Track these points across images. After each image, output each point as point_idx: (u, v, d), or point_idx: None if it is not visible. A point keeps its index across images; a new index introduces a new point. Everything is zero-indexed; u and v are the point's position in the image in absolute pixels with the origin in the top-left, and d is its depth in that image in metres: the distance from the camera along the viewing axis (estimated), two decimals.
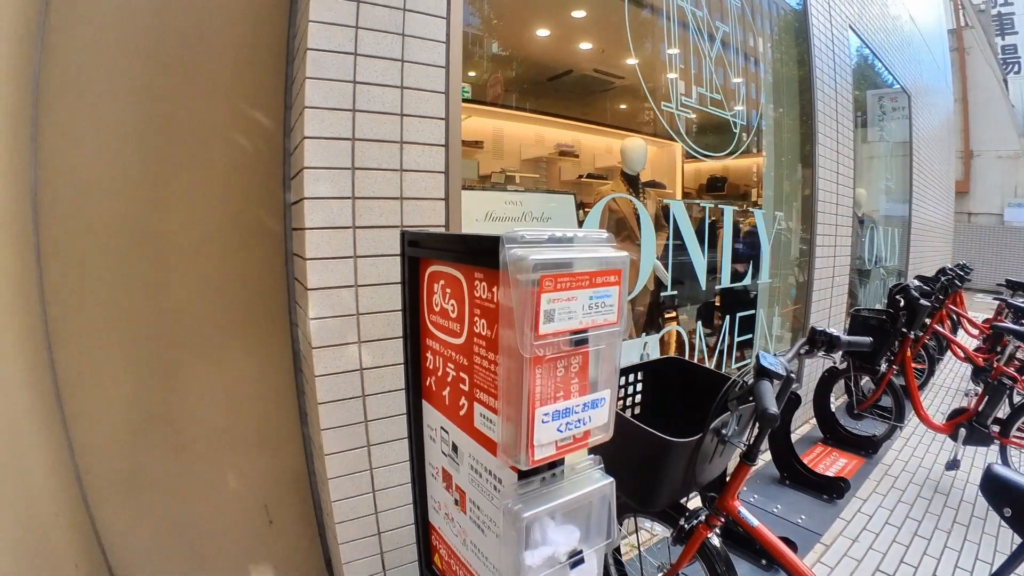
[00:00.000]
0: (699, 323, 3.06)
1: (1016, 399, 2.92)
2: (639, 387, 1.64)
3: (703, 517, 1.47)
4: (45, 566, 1.43)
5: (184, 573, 1.66)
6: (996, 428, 2.71)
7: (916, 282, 3.34)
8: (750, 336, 3.48)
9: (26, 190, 1.40)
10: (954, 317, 4.74)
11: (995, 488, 1.14)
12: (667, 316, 2.98)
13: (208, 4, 1.60)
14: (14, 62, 1.37)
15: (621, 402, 1.58)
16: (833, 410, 3.52)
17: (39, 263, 1.44)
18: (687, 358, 2.41)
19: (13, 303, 1.39)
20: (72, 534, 1.49)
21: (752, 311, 3.48)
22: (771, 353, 1.24)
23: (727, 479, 1.45)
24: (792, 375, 1.23)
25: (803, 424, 3.78)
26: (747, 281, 3.31)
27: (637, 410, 1.65)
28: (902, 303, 3.05)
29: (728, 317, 3.21)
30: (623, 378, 1.58)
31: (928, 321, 3.69)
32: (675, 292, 2.83)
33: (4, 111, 1.35)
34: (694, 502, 1.62)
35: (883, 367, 3.19)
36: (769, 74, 3.59)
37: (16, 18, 1.37)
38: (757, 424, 1.29)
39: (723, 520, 1.45)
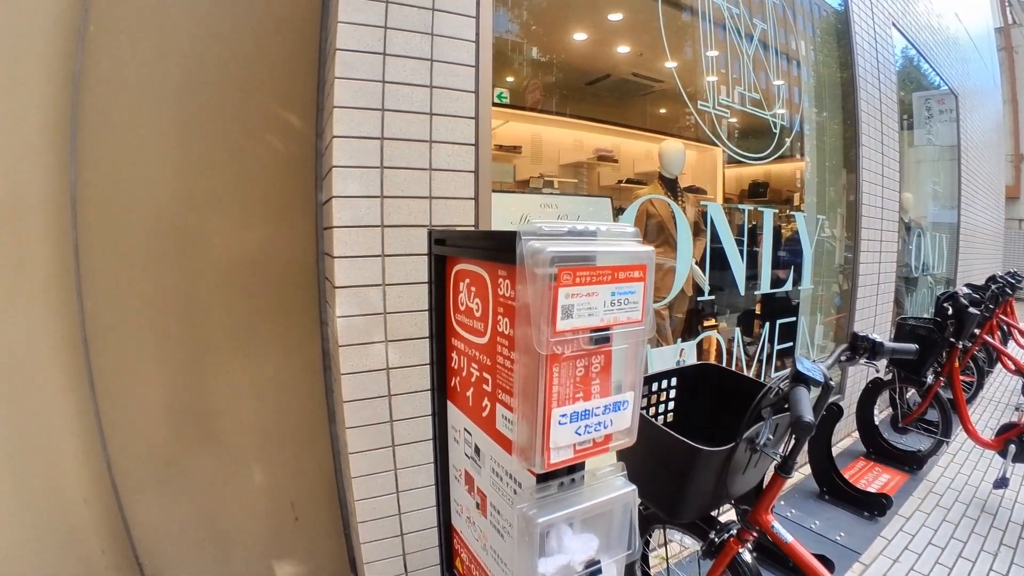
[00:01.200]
0: (738, 330, 2.97)
1: None
2: (672, 394, 1.59)
3: (735, 531, 1.41)
4: (72, 549, 1.48)
5: (208, 565, 1.69)
6: None
7: (965, 290, 3.16)
8: (791, 344, 3.36)
9: (66, 186, 1.45)
10: (1004, 327, 4.48)
11: None
12: (705, 323, 2.90)
13: (245, 9, 1.65)
14: (56, 60, 1.43)
15: (653, 409, 1.53)
16: (877, 423, 3.38)
17: (77, 258, 1.49)
18: (725, 366, 2.35)
19: (51, 297, 1.45)
20: (101, 521, 1.54)
21: (793, 318, 3.37)
22: (810, 359, 1.18)
23: (762, 491, 1.39)
24: (832, 383, 1.17)
25: (845, 437, 3.63)
26: (788, 287, 3.21)
27: (670, 417, 1.60)
28: (950, 311, 2.91)
29: (768, 324, 3.11)
30: (655, 384, 1.53)
31: (977, 331, 3.49)
32: (713, 297, 2.76)
33: (45, 108, 1.41)
34: (727, 515, 1.56)
35: (929, 379, 3.04)
36: (810, 75, 3.48)
37: (58, 16, 1.42)
38: (793, 434, 1.23)
39: (755, 534, 1.39)
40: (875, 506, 2.59)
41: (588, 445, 0.71)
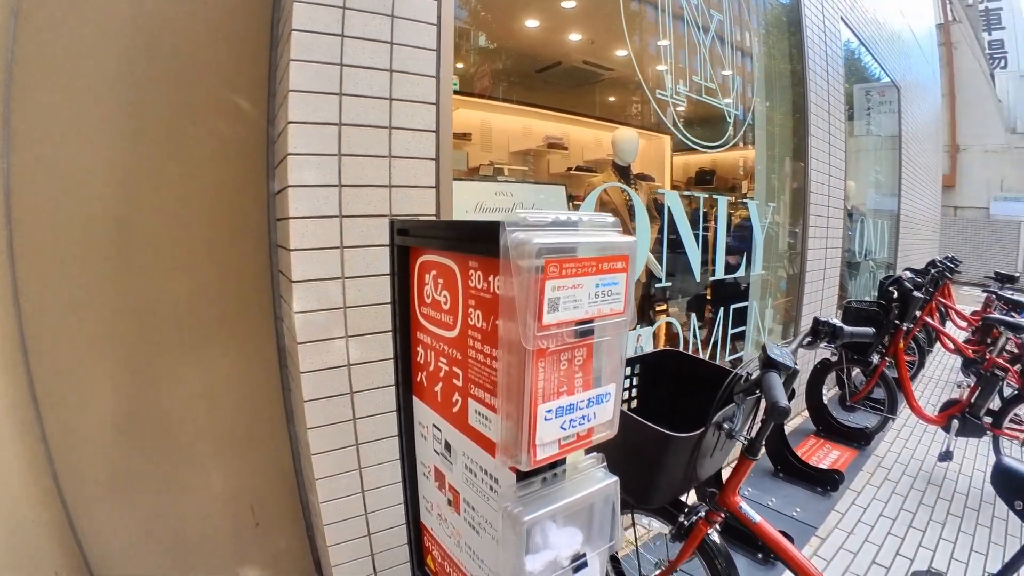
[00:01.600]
0: (692, 315, 3.03)
1: (1006, 391, 2.92)
2: (635, 381, 1.61)
3: (702, 513, 1.43)
4: (25, 571, 1.37)
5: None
6: (988, 419, 2.72)
7: (909, 274, 3.33)
8: (743, 328, 3.46)
9: None
10: (943, 309, 4.76)
11: (1006, 482, 1.14)
12: (659, 309, 2.95)
13: None
14: None
15: None
16: (825, 402, 3.52)
17: (11, 257, 1.37)
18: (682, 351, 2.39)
19: None
20: (52, 539, 1.43)
21: (745, 303, 3.46)
22: (776, 344, 1.20)
23: (729, 474, 1.42)
24: (798, 368, 1.20)
25: (795, 416, 3.78)
26: (741, 273, 3.29)
27: (633, 404, 1.62)
28: (895, 295, 3.05)
29: (721, 309, 3.19)
30: None
31: (918, 313, 3.69)
32: (668, 284, 2.80)
33: None
34: (691, 497, 1.58)
35: (875, 359, 3.19)
36: (763, 66, 3.56)
37: None
38: (761, 417, 1.25)
39: (723, 516, 1.42)
40: (828, 482, 2.71)
41: (572, 439, 0.69)
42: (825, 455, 3.16)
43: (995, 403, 2.80)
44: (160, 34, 1.50)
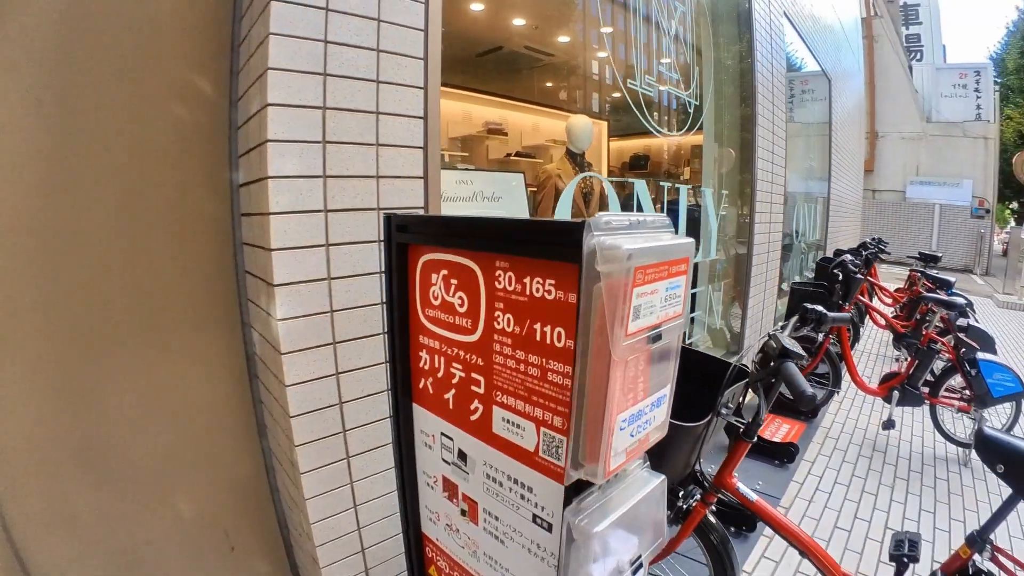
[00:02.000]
0: None
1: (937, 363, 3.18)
2: None
3: (698, 495, 1.46)
4: None
5: None
6: (926, 389, 2.95)
7: (850, 257, 3.54)
8: (696, 313, 3.58)
9: None
10: (870, 287, 5.12)
11: (988, 448, 1.23)
12: None
13: None
14: None
15: None
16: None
17: None
18: None
19: None
20: None
21: (696, 289, 3.58)
22: (780, 333, 1.23)
23: (724, 457, 1.45)
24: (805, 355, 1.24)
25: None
26: (699, 257, 3.39)
27: None
28: (840, 276, 3.23)
29: None
30: None
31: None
32: None
33: None
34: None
35: (820, 337, 3.38)
36: (718, 58, 3.64)
37: None
38: (799, 407, 1.28)
39: (720, 496, 1.46)
40: (784, 454, 2.86)
41: (635, 446, 0.67)
42: (777, 429, 3.33)
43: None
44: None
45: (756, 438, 1.34)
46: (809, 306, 1.41)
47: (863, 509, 2.39)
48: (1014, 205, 19.53)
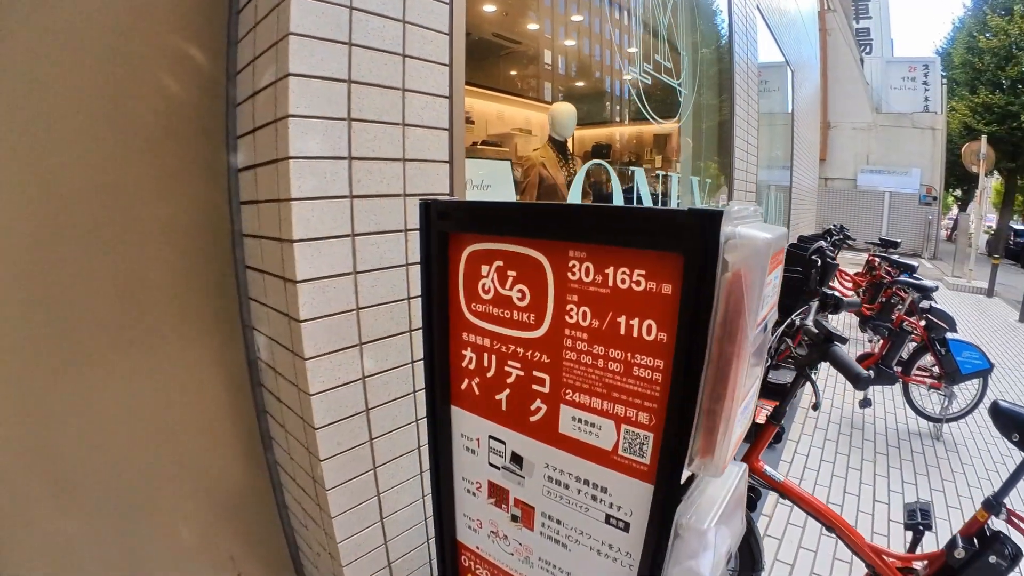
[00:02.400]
0: None
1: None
2: None
3: None
4: None
5: None
6: (899, 368, 3.10)
7: (825, 243, 3.67)
8: None
9: None
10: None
11: (1003, 419, 1.31)
12: None
13: None
14: None
15: None
16: None
17: None
18: None
19: None
20: None
21: None
22: (801, 319, 1.26)
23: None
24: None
25: None
26: None
27: None
28: (819, 263, 3.35)
29: None
30: None
31: None
32: None
33: None
34: None
35: (798, 321, 3.49)
36: (702, 51, 3.68)
37: None
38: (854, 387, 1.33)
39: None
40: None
41: (739, 435, 0.66)
42: (757, 411, 3.44)
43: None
44: None
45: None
46: (828, 292, 1.46)
47: (851, 484, 2.51)
48: (958, 192, 20.75)
